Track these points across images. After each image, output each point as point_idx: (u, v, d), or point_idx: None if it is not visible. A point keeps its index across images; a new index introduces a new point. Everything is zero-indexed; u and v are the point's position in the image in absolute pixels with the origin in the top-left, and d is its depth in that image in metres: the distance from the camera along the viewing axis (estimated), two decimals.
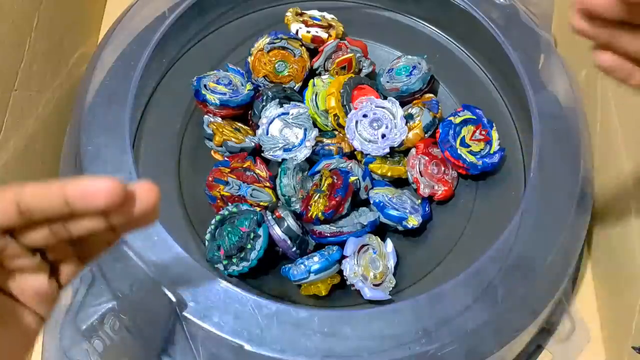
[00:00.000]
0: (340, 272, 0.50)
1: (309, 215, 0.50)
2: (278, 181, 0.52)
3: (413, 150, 0.56)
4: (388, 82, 0.59)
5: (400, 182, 0.57)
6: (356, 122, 0.55)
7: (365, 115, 0.54)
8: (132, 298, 0.45)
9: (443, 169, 0.56)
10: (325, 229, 0.51)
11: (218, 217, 0.50)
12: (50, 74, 0.58)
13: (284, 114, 0.55)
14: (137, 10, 0.58)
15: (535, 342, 0.54)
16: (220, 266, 0.49)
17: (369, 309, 0.48)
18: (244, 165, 0.53)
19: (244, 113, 0.58)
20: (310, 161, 0.55)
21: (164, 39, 0.56)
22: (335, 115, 0.55)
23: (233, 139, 0.54)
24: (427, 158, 0.55)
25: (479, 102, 0.58)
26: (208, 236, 0.50)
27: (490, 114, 0.57)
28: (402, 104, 0.56)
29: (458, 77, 0.62)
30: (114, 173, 0.49)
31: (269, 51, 0.58)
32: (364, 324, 0.44)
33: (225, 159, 0.54)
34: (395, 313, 0.45)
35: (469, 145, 0.55)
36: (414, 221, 0.52)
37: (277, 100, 0.56)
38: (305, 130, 0.55)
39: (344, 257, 0.49)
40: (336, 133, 0.57)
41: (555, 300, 0.50)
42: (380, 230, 0.54)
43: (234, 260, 0.48)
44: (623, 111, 0.53)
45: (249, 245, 0.48)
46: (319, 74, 0.60)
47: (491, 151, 0.55)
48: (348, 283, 0.49)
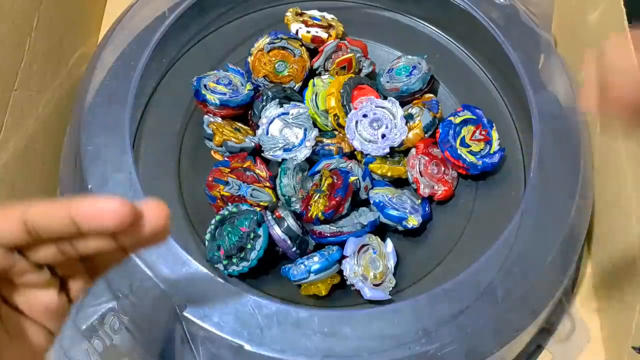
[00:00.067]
0: (340, 272, 0.50)
1: (309, 215, 0.50)
2: (278, 181, 0.52)
3: (413, 150, 0.56)
4: (388, 82, 0.59)
5: (400, 182, 0.57)
6: (356, 122, 0.55)
7: (365, 115, 0.54)
8: (132, 298, 0.45)
9: (443, 169, 0.56)
10: (325, 229, 0.51)
11: (218, 217, 0.50)
12: (50, 74, 0.58)
13: (284, 114, 0.55)
14: (137, 10, 0.58)
15: (535, 342, 0.54)
16: (220, 266, 0.49)
17: (369, 309, 0.48)
18: (244, 165, 0.53)
19: (244, 113, 0.58)
20: (310, 161, 0.55)
21: (164, 39, 0.56)
22: (335, 115, 0.55)
23: (233, 139, 0.54)
24: (427, 158, 0.55)
25: (479, 102, 0.58)
26: (208, 236, 0.50)
27: (490, 114, 0.57)
28: (402, 104, 0.56)
29: (458, 77, 0.62)
30: (114, 173, 0.49)
31: (269, 51, 0.58)
32: (364, 324, 0.44)
33: (225, 159, 0.54)
34: (395, 313, 0.45)
35: (469, 145, 0.55)
36: (414, 221, 0.52)
37: (277, 100, 0.56)
38: (305, 130, 0.55)
39: (344, 257, 0.49)
40: (336, 133, 0.57)
41: (555, 300, 0.50)
42: (380, 230, 0.54)
43: (234, 260, 0.48)
44: None
45: (249, 245, 0.48)
46: (319, 74, 0.60)
47: (491, 151, 0.55)
48: (348, 283, 0.49)
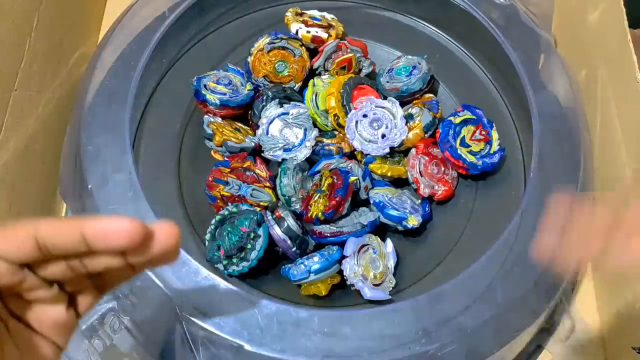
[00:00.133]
0: (340, 272, 0.50)
1: (309, 215, 0.50)
2: (278, 181, 0.52)
3: (413, 150, 0.56)
4: (388, 82, 0.59)
5: (400, 182, 0.57)
6: (356, 122, 0.54)
7: (365, 115, 0.54)
8: (132, 298, 0.45)
9: (443, 169, 0.56)
10: (325, 229, 0.51)
11: (218, 217, 0.50)
12: (50, 74, 0.58)
13: (284, 114, 0.55)
14: (137, 10, 0.58)
15: (535, 342, 0.54)
16: (220, 266, 0.49)
17: (369, 309, 0.48)
18: (244, 165, 0.53)
19: (244, 113, 0.58)
20: (310, 161, 0.55)
21: (164, 39, 0.56)
22: (335, 115, 0.55)
23: (233, 139, 0.54)
24: (427, 158, 0.55)
25: (479, 102, 0.58)
26: (208, 236, 0.50)
27: (490, 114, 0.57)
28: (402, 104, 0.56)
29: (458, 77, 0.62)
30: (114, 173, 0.49)
31: (269, 51, 0.58)
32: (364, 324, 0.44)
33: (225, 159, 0.54)
34: (395, 313, 0.45)
35: (469, 145, 0.55)
36: (414, 221, 0.52)
37: (277, 100, 0.56)
38: (305, 130, 0.55)
39: (344, 257, 0.49)
40: (336, 133, 0.57)
41: (556, 300, 0.50)
42: (380, 230, 0.54)
43: (234, 260, 0.48)
44: (623, 111, 0.53)
45: (249, 245, 0.48)
46: (319, 74, 0.60)
47: (491, 151, 0.55)
48: (348, 283, 0.49)
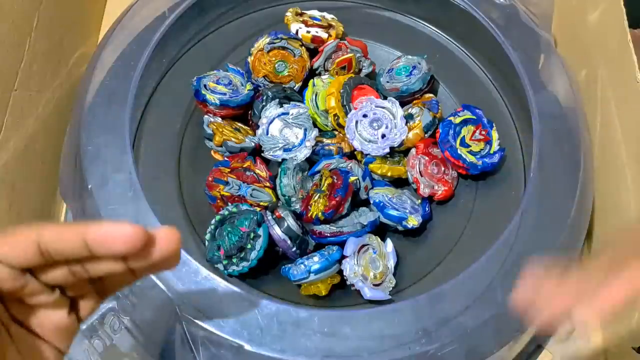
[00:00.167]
0: (340, 272, 0.50)
1: (309, 215, 0.50)
2: (278, 181, 0.52)
3: (413, 150, 0.56)
4: (388, 82, 0.59)
5: (400, 182, 0.57)
6: (356, 122, 0.54)
7: (365, 115, 0.54)
8: (132, 298, 0.45)
9: (443, 169, 0.56)
10: (325, 229, 0.51)
11: (218, 217, 0.50)
12: (50, 74, 0.58)
13: (284, 114, 0.55)
14: (137, 10, 0.58)
15: (535, 342, 0.54)
16: (220, 266, 0.49)
17: (369, 309, 0.48)
18: (244, 165, 0.53)
19: (244, 113, 0.58)
20: (310, 161, 0.55)
21: (164, 39, 0.56)
22: (335, 115, 0.55)
23: (233, 139, 0.54)
24: (427, 158, 0.55)
25: (479, 102, 0.58)
26: (208, 236, 0.50)
27: (490, 114, 0.57)
28: (402, 104, 0.56)
29: (458, 77, 0.62)
30: (114, 173, 0.49)
31: (269, 51, 0.58)
32: (364, 324, 0.44)
33: (225, 159, 0.54)
34: (395, 313, 0.45)
35: (469, 145, 0.55)
36: (414, 221, 0.52)
37: (277, 100, 0.56)
38: (305, 130, 0.55)
39: (344, 257, 0.49)
40: (336, 133, 0.57)
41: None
42: (380, 230, 0.54)
43: (234, 260, 0.48)
44: (623, 111, 0.53)
45: (249, 245, 0.48)
46: (319, 74, 0.60)
47: (491, 151, 0.55)
48: (348, 283, 0.49)
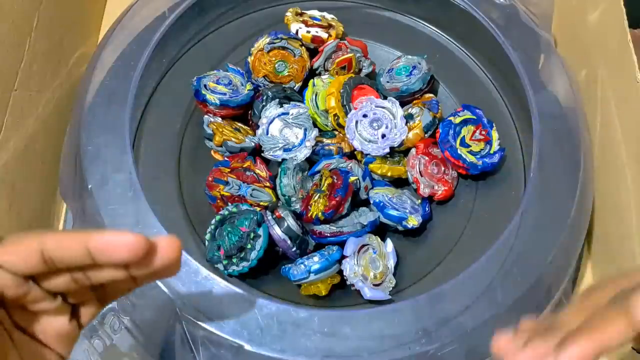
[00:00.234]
0: (340, 272, 0.50)
1: (309, 215, 0.50)
2: (278, 181, 0.52)
3: (413, 150, 0.56)
4: (388, 82, 0.59)
5: (400, 182, 0.57)
6: (356, 122, 0.54)
7: (365, 115, 0.54)
8: (132, 298, 0.45)
9: (443, 169, 0.56)
10: (325, 229, 0.51)
11: (218, 217, 0.50)
12: (50, 74, 0.58)
13: (284, 114, 0.55)
14: (137, 10, 0.58)
15: None
16: (220, 266, 0.49)
17: (369, 309, 0.48)
18: (244, 165, 0.53)
19: (244, 113, 0.58)
20: (310, 161, 0.55)
21: (164, 39, 0.56)
22: (335, 115, 0.55)
23: (233, 139, 0.54)
24: (427, 158, 0.55)
25: (479, 102, 0.58)
26: (208, 236, 0.50)
27: (490, 114, 0.57)
28: (402, 104, 0.56)
29: (458, 77, 0.62)
30: (114, 173, 0.49)
31: (269, 51, 0.58)
32: (364, 324, 0.44)
33: (225, 159, 0.54)
34: (395, 313, 0.45)
35: (469, 145, 0.55)
36: (414, 221, 0.52)
37: (277, 100, 0.56)
38: (305, 130, 0.55)
39: (344, 257, 0.49)
40: (336, 133, 0.57)
41: (555, 300, 0.50)
42: (380, 230, 0.54)
43: (234, 260, 0.48)
44: (623, 111, 0.53)
45: (249, 245, 0.48)
46: (319, 74, 0.60)
47: (491, 151, 0.55)
48: (348, 283, 0.49)
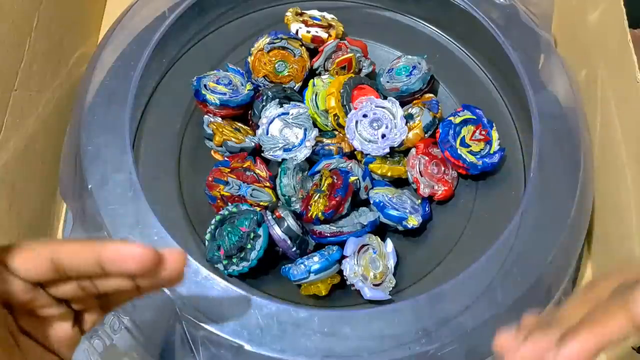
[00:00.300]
0: (340, 272, 0.50)
1: (309, 215, 0.50)
2: (278, 181, 0.52)
3: (413, 150, 0.56)
4: (388, 82, 0.59)
5: (400, 182, 0.57)
6: (356, 122, 0.54)
7: (365, 115, 0.54)
8: None
9: (443, 169, 0.56)
10: (325, 229, 0.51)
11: (218, 217, 0.50)
12: (50, 74, 0.58)
13: (284, 114, 0.55)
14: (137, 10, 0.58)
15: None
16: (220, 266, 0.49)
17: (369, 309, 0.48)
18: (244, 165, 0.53)
19: (244, 113, 0.58)
20: (310, 161, 0.55)
21: (164, 39, 0.56)
22: (335, 115, 0.55)
23: (233, 139, 0.54)
24: (427, 158, 0.55)
25: (479, 102, 0.58)
26: (208, 236, 0.50)
27: (490, 114, 0.57)
28: (402, 104, 0.56)
29: (458, 77, 0.62)
30: (114, 173, 0.49)
31: (269, 51, 0.58)
32: (364, 324, 0.44)
33: (225, 159, 0.54)
34: (395, 313, 0.45)
35: (469, 145, 0.55)
36: (414, 221, 0.52)
37: (277, 100, 0.56)
38: (305, 130, 0.55)
39: (344, 257, 0.49)
40: (336, 133, 0.57)
41: (555, 300, 0.50)
42: (380, 230, 0.54)
43: (234, 260, 0.48)
44: (623, 111, 0.53)
45: (249, 245, 0.48)
46: (319, 74, 0.60)
47: (491, 151, 0.55)
48: (348, 283, 0.49)
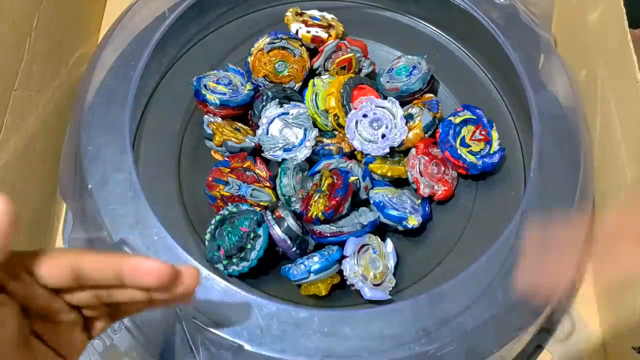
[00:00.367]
0: (340, 272, 0.50)
1: (309, 215, 0.50)
2: (278, 181, 0.52)
3: (413, 150, 0.56)
4: (388, 82, 0.59)
5: (400, 182, 0.57)
6: (356, 122, 0.54)
7: (365, 115, 0.54)
8: None
9: (443, 169, 0.56)
10: (325, 229, 0.51)
11: (218, 217, 0.50)
12: (50, 74, 0.58)
13: (284, 114, 0.55)
14: (137, 10, 0.58)
15: (535, 342, 0.54)
16: (220, 266, 0.49)
17: (369, 309, 0.48)
18: (244, 165, 0.53)
19: (244, 113, 0.58)
20: (310, 161, 0.55)
21: (164, 39, 0.56)
22: (335, 115, 0.55)
23: (233, 139, 0.54)
24: (427, 158, 0.55)
25: (479, 102, 0.58)
26: (208, 236, 0.50)
27: (490, 114, 0.57)
28: (402, 104, 0.56)
29: (458, 77, 0.62)
30: (114, 173, 0.49)
31: (269, 51, 0.58)
32: (364, 324, 0.44)
33: (225, 159, 0.54)
34: (395, 313, 0.45)
35: (469, 145, 0.55)
36: (414, 221, 0.52)
37: (277, 100, 0.56)
38: (305, 130, 0.55)
39: (344, 257, 0.49)
40: (336, 133, 0.57)
41: (556, 300, 0.50)
42: (380, 230, 0.54)
43: (234, 260, 0.48)
44: (623, 111, 0.53)
45: (249, 245, 0.48)
46: (319, 74, 0.60)
47: (491, 151, 0.55)
48: (348, 283, 0.49)
